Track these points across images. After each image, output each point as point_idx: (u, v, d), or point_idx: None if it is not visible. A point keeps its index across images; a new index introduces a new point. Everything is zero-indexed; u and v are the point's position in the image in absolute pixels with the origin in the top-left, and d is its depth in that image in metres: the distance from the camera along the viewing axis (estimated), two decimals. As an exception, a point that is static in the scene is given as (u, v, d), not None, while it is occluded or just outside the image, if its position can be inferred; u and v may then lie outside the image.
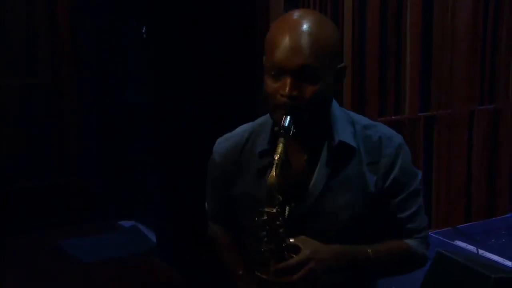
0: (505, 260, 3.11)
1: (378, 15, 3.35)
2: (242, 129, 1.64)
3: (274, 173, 1.40)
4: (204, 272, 3.07)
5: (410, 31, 3.43)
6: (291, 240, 1.45)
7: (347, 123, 1.55)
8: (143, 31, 3.66)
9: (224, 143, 1.64)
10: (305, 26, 1.42)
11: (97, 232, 3.94)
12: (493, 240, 3.38)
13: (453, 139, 3.67)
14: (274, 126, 1.50)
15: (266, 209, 1.42)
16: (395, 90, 3.47)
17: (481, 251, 3.19)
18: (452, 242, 3.35)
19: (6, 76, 4.02)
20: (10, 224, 3.88)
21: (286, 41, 1.41)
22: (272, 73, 1.44)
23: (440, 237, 3.44)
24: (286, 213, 1.49)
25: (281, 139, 1.41)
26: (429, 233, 3.60)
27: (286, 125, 1.40)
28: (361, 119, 1.60)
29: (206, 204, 1.76)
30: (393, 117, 3.46)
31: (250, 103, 2.65)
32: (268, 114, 1.55)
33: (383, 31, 3.38)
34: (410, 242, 1.60)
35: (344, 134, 1.52)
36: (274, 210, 1.42)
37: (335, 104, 1.57)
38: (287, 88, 1.41)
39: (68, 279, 3.42)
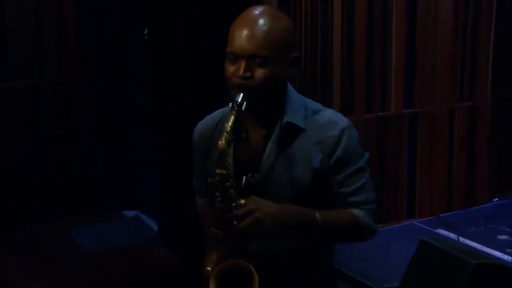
0: (483, 246, 3.13)
1: (366, 18, 3.35)
2: (217, 112, 1.78)
3: (223, 140, 1.51)
4: (202, 259, 3.07)
5: (395, 34, 3.44)
6: (242, 201, 1.53)
7: (300, 107, 1.66)
8: (144, 32, 3.64)
9: (201, 124, 1.79)
10: (259, 20, 1.57)
11: (102, 222, 3.93)
12: (472, 228, 3.40)
13: (435, 134, 3.68)
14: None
15: (217, 171, 1.52)
16: (381, 88, 3.48)
17: (461, 239, 3.21)
18: (434, 230, 3.37)
19: (15, 76, 3.99)
20: (22, 215, 3.88)
21: (242, 32, 1.56)
22: (231, 58, 1.58)
23: (423, 226, 3.46)
24: (243, 181, 1.62)
25: (233, 112, 1.53)
26: (414, 222, 3.66)
27: (238, 100, 1.53)
28: (314, 105, 1.71)
29: (193, 181, 1.85)
30: (379, 113, 3.47)
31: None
32: None
33: (370, 34, 3.39)
34: (355, 211, 1.64)
35: (294, 116, 1.64)
36: (224, 172, 1.52)
37: (292, 90, 1.68)
38: (241, 70, 1.55)
39: (75, 265, 3.41)
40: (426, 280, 2.33)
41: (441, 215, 3.62)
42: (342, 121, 1.67)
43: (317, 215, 1.59)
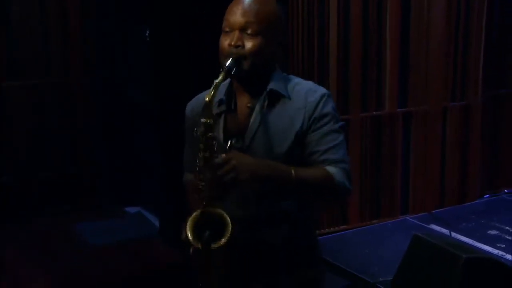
0: (474, 241, 3.14)
1: (361, 21, 3.36)
2: (207, 91, 1.82)
3: (210, 94, 1.63)
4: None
5: (390, 36, 3.45)
6: (223, 155, 1.60)
7: (284, 81, 1.78)
8: (146, 34, 3.64)
9: (193, 101, 1.90)
10: (252, 1, 1.72)
11: (105, 218, 3.92)
12: (464, 224, 3.41)
13: (428, 132, 3.69)
14: (231, 83, 1.76)
15: (202, 120, 1.62)
16: (376, 88, 3.49)
17: (453, 234, 3.22)
18: (427, 226, 3.37)
19: (20, 75, 3.99)
20: (27, 210, 3.88)
21: (236, 8, 1.71)
22: (226, 30, 1.72)
23: (416, 221, 3.47)
24: (228, 145, 1.71)
25: (222, 73, 1.66)
26: (407, 217, 3.67)
27: (229, 64, 1.66)
28: (297, 79, 1.82)
29: (183, 159, 1.93)
30: (374, 112, 3.49)
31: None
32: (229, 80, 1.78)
33: (365, 35, 3.40)
34: (330, 168, 1.68)
35: (277, 85, 1.75)
36: (208, 121, 1.62)
37: (279, 70, 1.80)
38: (234, 39, 1.68)
39: (79, 259, 3.41)
40: (419, 274, 2.35)
41: (433, 211, 3.63)
42: (321, 89, 1.78)
43: (292, 171, 1.64)
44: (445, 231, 3.27)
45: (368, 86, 3.43)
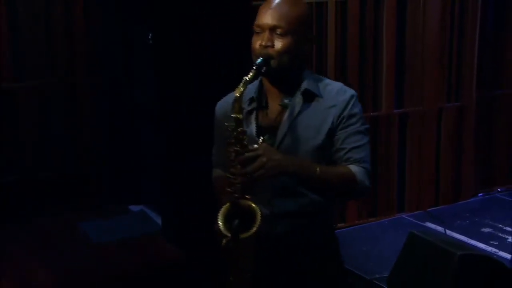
0: (469, 239, 3.16)
1: (358, 24, 3.37)
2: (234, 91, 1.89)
3: (239, 89, 1.66)
4: (204, 251, 3.09)
5: (386, 39, 3.46)
6: (255, 146, 1.64)
7: (315, 80, 1.81)
8: (149, 37, 3.64)
9: (222, 102, 1.92)
10: (280, 2, 1.75)
11: (109, 216, 3.93)
12: (458, 221, 3.42)
13: (424, 132, 3.69)
14: (261, 81, 1.80)
15: (233, 115, 1.65)
16: (373, 90, 3.50)
17: (448, 231, 3.24)
18: (423, 224, 3.39)
19: (27, 76, 4.00)
20: (34, 209, 3.88)
21: (266, 9, 1.75)
22: (257, 31, 1.76)
23: (412, 219, 3.48)
24: (259, 141, 1.72)
25: (253, 71, 1.69)
26: (403, 215, 3.67)
27: (259, 62, 1.70)
28: (327, 80, 1.86)
29: (212, 156, 1.96)
30: (371, 113, 3.49)
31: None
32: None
33: (362, 39, 3.40)
34: (352, 167, 1.73)
35: (310, 84, 1.78)
36: (239, 116, 1.65)
37: (308, 71, 1.84)
38: (264, 39, 1.72)
39: (83, 257, 3.41)
40: (415, 270, 2.36)
41: (429, 209, 3.64)
42: (351, 90, 1.82)
43: (318, 168, 1.68)
44: (440, 229, 3.28)
45: (365, 87, 3.44)
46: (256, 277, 1.69)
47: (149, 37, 3.61)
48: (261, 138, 1.74)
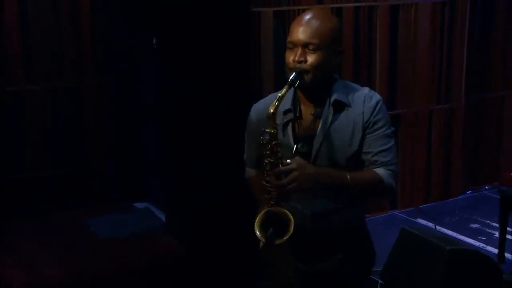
0: (458, 234, 3.18)
1: (352, 31, 3.38)
2: (271, 95, 1.91)
3: (274, 105, 1.69)
4: (207, 247, 3.11)
5: (379, 45, 3.47)
6: (288, 160, 1.67)
7: (344, 88, 1.83)
8: (153, 42, 3.65)
9: (258, 105, 1.93)
10: (312, 18, 1.78)
11: (115, 213, 3.93)
12: (448, 218, 3.44)
13: (415, 133, 3.71)
14: (295, 93, 1.82)
15: (267, 130, 1.69)
16: (367, 92, 3.51)
17: (438, 227, 3.25)
18: (414, 220, 3.40)
19: (37, 79, 4.00)
20: (44, 205, 3.88)
21: (299, 26, 1.77)
22: (290, 47, 1.79)
23: (404, 216, 3.50)
24: (294, 151, 1.76)
25: (286, 86, 1.71)
26: (396, 212, 3.69)
27: (292, 78, 1.72)
28: (355, 86, 1.88)
29: (244, 155, 1.97)
30: (365, 115, 3.51)
31: (245, 98, 2.69)
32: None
33: (357, 44, 3.42)
34: (379, 170, 1.77)
35: (340, 95, 1.80)
36: (273, 131, 1.69)
37: (338, 78, 1.86)
38: (297, 56, 1.75)
39: (91, 251, 3.41)
40: (407, 264, 2.37)
41: (420, 206, 3.66)
42: (376, 95, 1.84)
43: (348, 176, 1.72)
44: (430, 224, 3.30)
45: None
46: (296, 272, 1.75)
47: (154, 41, 3.62)
48: (295, 146, 1.77)
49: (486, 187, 3.97)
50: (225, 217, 3.06)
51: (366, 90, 1.85)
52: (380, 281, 2.51)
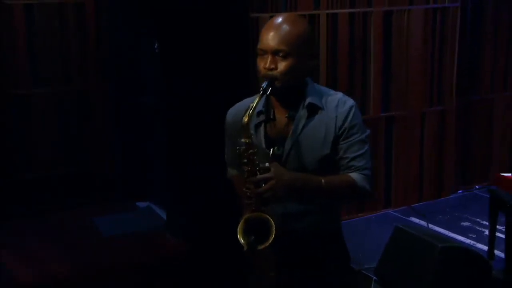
0: (449, 232, 3.18)
1: (348, 36, 3.39)
2: (246, 100, 1.88)
3: (247, 116, 1.66)
4: (206, 244, 3.11)
5: (374, 50, 3.47)
6: (266, 164, 1.65)
7: (317, 93, 1.80)
8: (155, 46, 3.66)
9: (232, 109, 1.90)
10: (281, 23, 1.72)
11: (118, 211, 3.93)
12: (440, 216, 3.44)
13: (408, 134, 3.71)
14: (268, 96, 1.77)
15: (243, 140, 1.66)
16: (362, 95, 3.52)
17: (430, 225, 3.26)
18: (407, 218, 3.41)
19: (44, 84, 4.01)
20: (49, 204, 3.89)
21: (267, 32, 1.72)
22: (260, 53, 1.74)
23: (398, 214, 3.50)
24: (270, 153, 1.74)
25: (258, 95, 1.69)
26: (389, 211, 3.69)
27: (264, 86, 1.69)
28: (328, 91, 1.85)
29: (225, 155, 1.95)
30: (360, 117, 3.51)
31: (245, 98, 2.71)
32: None
33: (352, 48, 3.43)
34: (354, 175, 1.74)
35: (314, 98, 1.77)
36: (248, 141, 1.66)
37: (310, 80, 1.82)
38: (268, 63, 1.70)
39: (94, 248, 3.42)
40: (400, 261, 2.37)
41: (413, 205, 3.66)
42: (350, 101, 1.80)
43: (323, 181, 1.69)
44: (423, 223, 3.30)
45: (355, 93, 3.46)
46: (278, 273, 1.73)
47: (156, 46, 3.63)
48: (271, 150, 1.75)
49: (477, 187, 3.97)
50: (225, 216, 3.06)
51: (339, 94, 1.81)
52: (374, 277, 2.51)
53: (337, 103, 1.77)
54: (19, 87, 3.92)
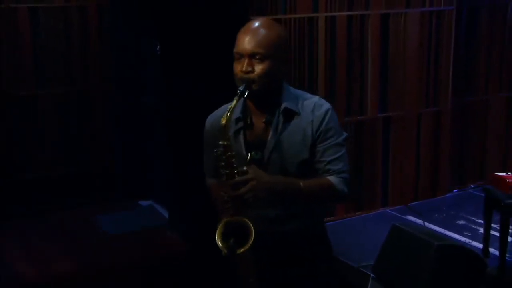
0: (445, 230, 3.19)
1: (346, 38, 3.39)
2: (224, 106, 1.85)
3: (225, 118, 1.64)
4: (207, 242, 3.11)
5: (371, 53, 3.48)
6: (244, 167, 1.62)
7: (293, 97, 1.78)
8: (157, 48, 3.66)
9: (211, 116, 1.87)
10: (258, 27, 1.72)
11: (121, 210, 3.94)
12: (436, 215, 3.45)
13: (405, 134, 3.72)
14: (245, 102, 1.76)
15: (221, 142, 1.63)
16: (360, 96, 3.52)
17: (427, 224, 3.26)
18: (404, 217, 3.41)
19: (48, 85, 4.02)
20: (54, 202, 3.89)
21: (244, 35, 1.71)
22: (237, 57, 1.72)
23: (394, 213, 3.50)
24: (248, 158, 1.71)
25: (236, 98, 1.66)
26: (386, 210, 3.70)
27: (241, 89, 1.67)
28: (303, 94, 1.82)
29: (203, 165, 1.91)
30: (358, 117, 3.52)
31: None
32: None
33: (350, 51, 3.43)
34: (331, 178, 1.73)
35: (290, 103, 1.75)
36: (226, 143, 1.63)
37: (286, 85, 1.80)
38: (244, 66, 1.69)
39: (98, 246, 3.42)
40: (397, 259, 2.38)
41: (409, 204, 3.67)
42: (326, 104, 1.79)
43: (301, 184, 1.68)
44: (419, 221, 3.31)
45: (353, 94, 3.47)
46: (259, 279, 1.70)
47: (157, 48, 3.63)
48: (249, 154, 1.72)
49: (472, 186, 3.98)
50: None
51: (315, 98, 1.80)
52: (372, 274, 2.51)
53: (313, 107, 1.76)
54: (23, 88, 3.93)
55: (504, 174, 2.70)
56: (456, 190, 3.95)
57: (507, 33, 4.03)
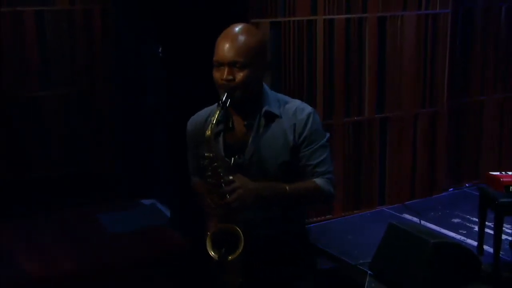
0: (441, 228, 3.17)
1: (344, 40, 3.39)
2: (206, 109, 1.85)
3: (210, 130, 1.63)
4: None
5: (369, 55, 3.47)
6: (230, 177, 1.61)
7: (274, 101, 1.76)
8: (159, 50, 3.66)
9: (193, 118, 1.88)
10: (237, 34, 1.67)
11: (124, 209, 3.95)
12: (432, 213, 3.43)
13: (402, 134, 3.71)
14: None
15: (206, 154, 1.62)
16: (358, 97, 3.52)
17: (423, 222, 3.25)
18: (400, 215, 3.40)
19: (52, 85, 4.03)
20: (58, 202, 3.90)
21: (224, 44, 1.68)
22: (216, 65, 1.70)
23: (391, 211, 3.49)
24: (232, 162, 1.71)
25: (219, 108, 1.65)
26: (384, 208, 3.69)
27: (223, 99, 1.65)
28: (285, 98, 1.81)
29: (188, 164, 1.92)
30: (355, 118, 3.51)
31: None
32: None
33: (348, 52, 3.42)
34: (318, 180, 1.73)
35: (271, 106, 1.74)
36: (212, 155, 1.62)
37: (267, 88, 1.78)
38: (225, 74, 1.67)
39: (101, 244, 3.43)
40: (394, 257, 2.37)
41: (406, 202, 3.66)
42: (308, 108, 1.78)
43: (287, 187, 1.68)
44: (416, 219, 3.29)
45: (351, 95, 3.46)
46: (244, 279, 1.69)
47: (159, 50, 3.63)
48: (232, 159, 1.71)
49: (467, 185, 3.97)
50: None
51: (297, 102, 1.78)
52: (369, 271, 2.50)
53: (295, 110, 1.74)
54: (27, 89, 3.93)
55: (498, 173, 2.68)
56: (451, 189, 3.94)
57: (501, 35, 4.02)
